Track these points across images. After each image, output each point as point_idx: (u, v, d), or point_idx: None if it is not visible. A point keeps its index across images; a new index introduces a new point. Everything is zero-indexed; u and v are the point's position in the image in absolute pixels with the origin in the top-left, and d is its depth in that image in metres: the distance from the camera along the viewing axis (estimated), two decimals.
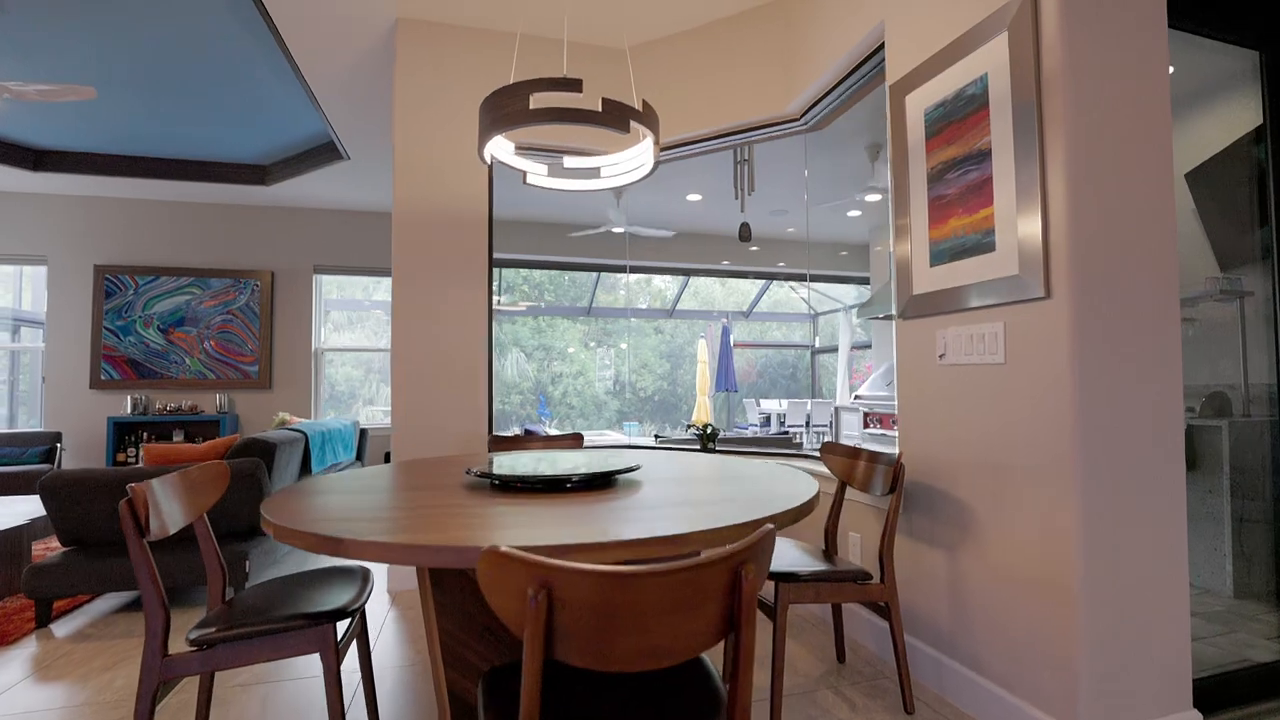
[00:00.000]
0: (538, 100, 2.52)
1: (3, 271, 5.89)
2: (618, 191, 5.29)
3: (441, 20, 3.01)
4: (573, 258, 6.31)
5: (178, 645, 2.32)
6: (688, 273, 8.37)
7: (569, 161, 2.02)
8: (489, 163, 1.75)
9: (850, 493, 2.31)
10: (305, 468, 3.56)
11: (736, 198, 3.74)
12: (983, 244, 1.73)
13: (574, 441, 2.60)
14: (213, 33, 3.36)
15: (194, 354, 5.61)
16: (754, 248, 6.75)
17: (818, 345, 11.56)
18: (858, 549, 2.29)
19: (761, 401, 10.41)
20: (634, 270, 8.28)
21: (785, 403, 9.72)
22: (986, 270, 1.71)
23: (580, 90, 1.49)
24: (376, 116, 4.02)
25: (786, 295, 11.98)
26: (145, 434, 5.37)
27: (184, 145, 4.88)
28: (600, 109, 1.52)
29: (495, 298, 3.09)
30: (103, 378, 5.42)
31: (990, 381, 1.71)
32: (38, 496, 3.67)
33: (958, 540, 1.81)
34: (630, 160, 1.93)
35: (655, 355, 13.84)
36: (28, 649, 2.36)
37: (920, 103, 1.97)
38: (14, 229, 5.44)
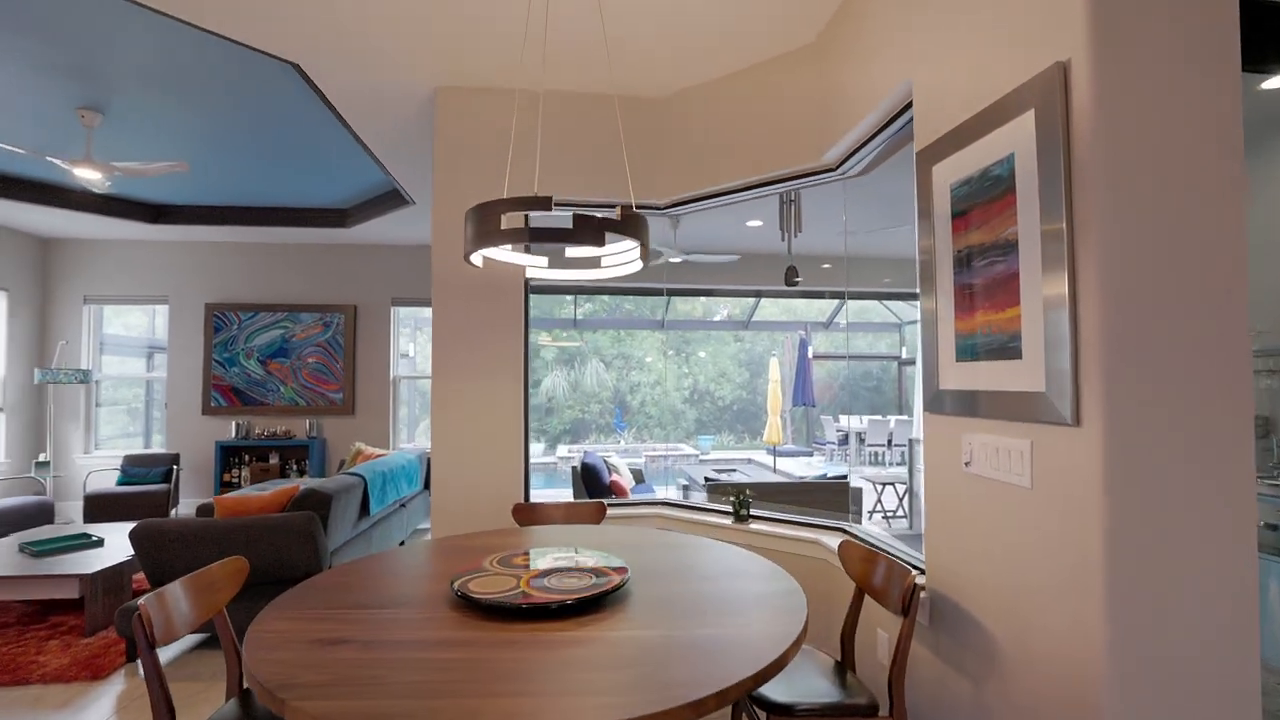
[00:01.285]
0: (510, 219, 2.53)
1: (135, 310, 6.68)
2: (674, 222, 5.21)
3: (476, 85, 3.07)
4: (636, 283, 6.29)
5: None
6: (755, 294, 8.11)
7: (571, 251, 1.99)
8: (479, 266, 1.76)
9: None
10: (365, 508, 3.77)
11: (783, 239, 3.56)
12: (1009, 348, 1.52)
13: (596, 511, 2.57)
14: (288, 106, 3.63)
15: (288, 383, 6.12)
16: (826, 265, 6.44)
17: (904, 355, 10.89)
18: (885, 651, 2.11)
19: (841, 418, 9.91)
20: (694, 294, 8.16)
21: (866, 420, 9.19)
22: (1013, 379, 1.51)
23: (550, 208, 1.46)
24: (430, 168, 4.18)
25: (870, 303, 11.37)
26: (247, 456, 5.93)
27: (275, 195, 5.32)
28: (571, 224, 1.47)
29: (544, 335, 3.11)
30: (212, 405, 6.03)
31: (1015, 503, 1.51)
32: None
33: (983, 670, 1.62)
34: (631, 251, 1.87)
35: (734, 363, 13.58)
36: (116, 685, 2.65)
37: (946, 176, 1.77)
38: (140, 273, 6.17)
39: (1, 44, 3.01)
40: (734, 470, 5.65)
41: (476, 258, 1.71)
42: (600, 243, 1.50)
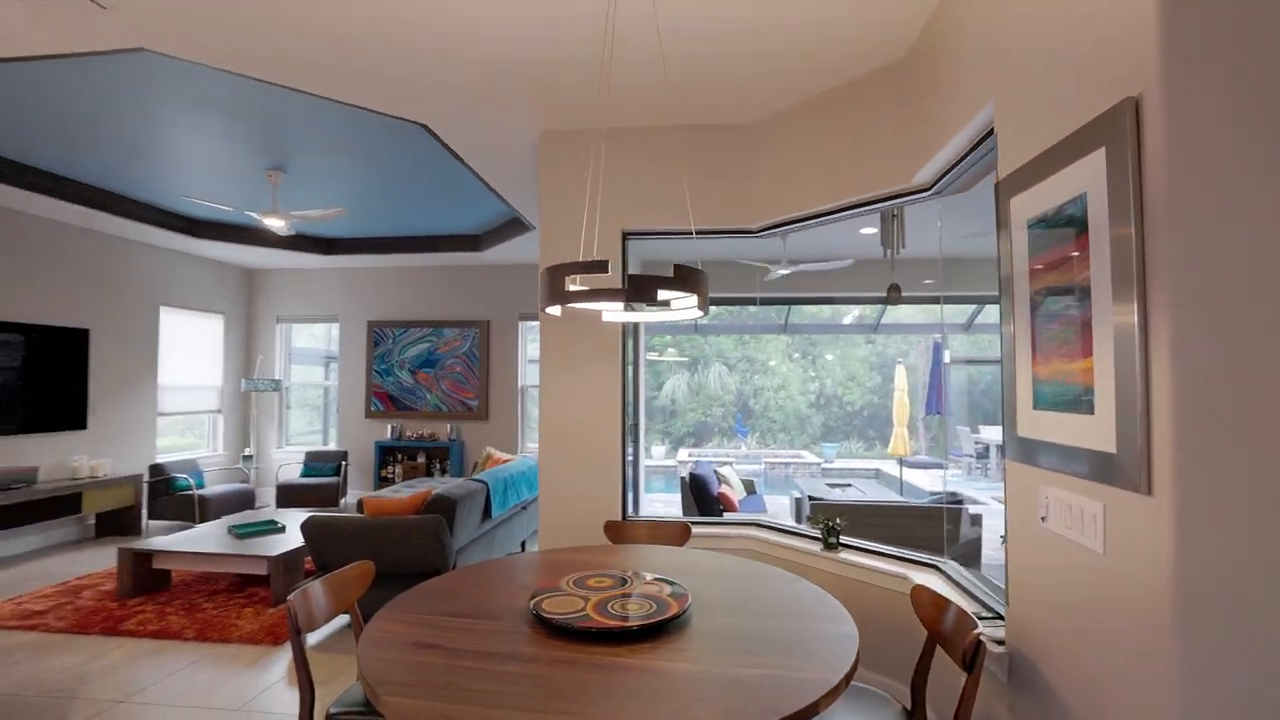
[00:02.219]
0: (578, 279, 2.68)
1: (315, 327, 7.83)
2: (783, 236, 5.18)
3: (572, 128, 3.31)
4: (755, 294, 6.28)
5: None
6: (867, 300, 7.69)
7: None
8: (558, 315, 1.95)
9: None
10: (488, 511, 4.18)
11: (886, 256, 3.40)
12: (1082, 401, 1.43)
13: (680, 532, 2.69)
14: (424, 154, 4.13)
15: (433, 390, 6.88)
16: (928, 280, 6.00)
17: None
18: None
19: (981, 429, 9.07)
20: (802, 302, 7.92)
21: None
22: (1086, 436, 1.42)
23: (606, 270, 1.61)
24: None
25: None
26: (400, 455, 6.75)
27: (420, 226, 6.01)
28: (625, 284, 1.61)
29: (651, 352, 3.28)
30: (372, 409, 6.94)
31: (1088, 567, 1.41)
32: None
33: None
34: (691, 300, 1.97)
35: (864, 367, 12.95)
36: (289, 652, 3.22)
37: (1024, 210, 1.68)
38: (317, 297, 7.24)
39: (217, 128, 3.75)
40: (848, 485, 5.43)
41: (553, 310, 1.91)
42: (652, 300, 1.62)
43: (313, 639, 3.39)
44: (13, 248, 4.99)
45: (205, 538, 4.19)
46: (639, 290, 1.61)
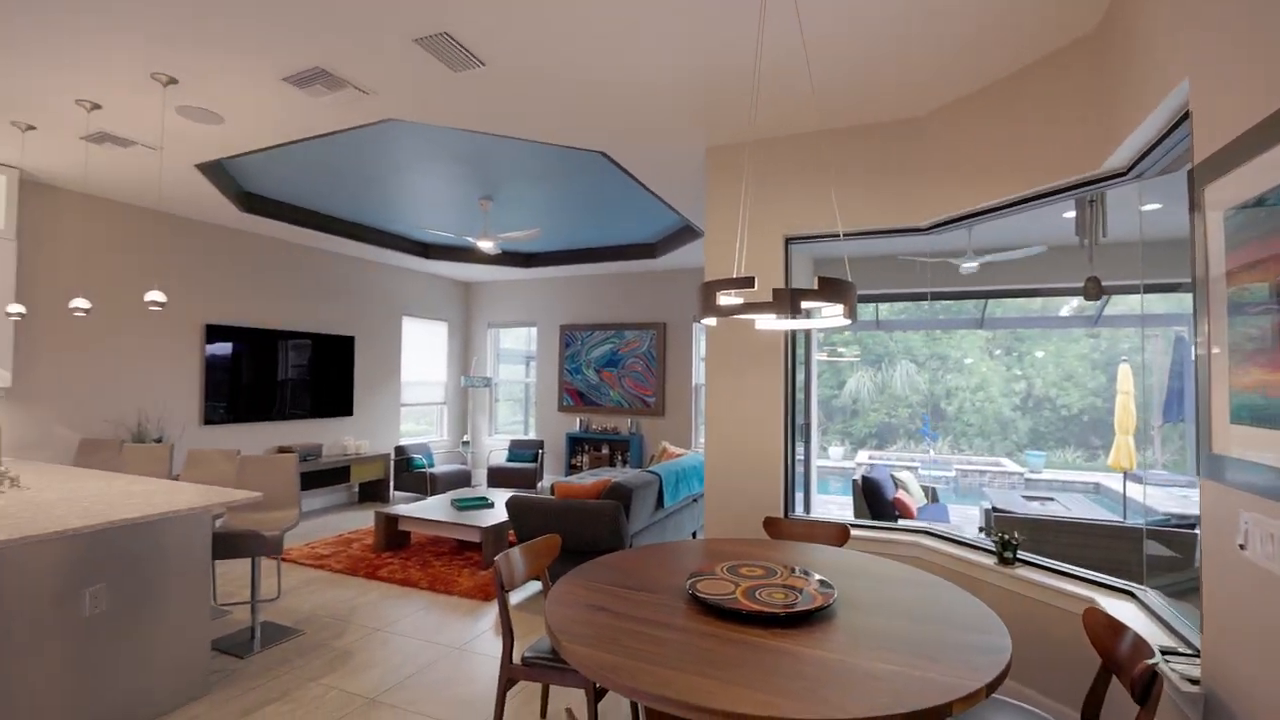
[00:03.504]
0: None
1: (517, 331, 8.90)
2: (969, 228, 4.85)
3: (736, 141, 3.47)
4: (926, 289, 5.87)
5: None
6: (1065, 291, 6.63)
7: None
8: (713, 325, 2.15)
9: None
10: (661, 501, 4.51)
11: (1083, 245, 3.03)
12: None
13: (837, 533, 2.73)
14: (605, 174, 4.59)
15: (615, 388, 7.46)
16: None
17: None
18: None
19: None
20: (990, 296, 7.11)
21: None
22: None
23: (753, 286, 1.77)
24: None
25: None
26: (586, 446, 7.43)
27: (602, 238, 6.59)
28: (773, 295, 1.75)
29: (821, 352, 3.36)
30: (564, 404, 7.72)
31: None
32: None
33: None
34: (838, 310, 2.05)
35: (1084, 365, 11.22)
36: (495, 607, 3.82)
37: (1219, 199, 1.51)
38: (519, 305, 8.25)
39: (443, 170, 4.54)
40: (1049, 499, 4.82)
41: (708, 321, 2.11)
42: (794, 313, 1.75)
43: (513, 599, 3.98)
44: (303, 274, 6.45)
45: (434, 508, 5.08)
46: (784, 303, 1.74)
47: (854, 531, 3.13)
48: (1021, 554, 2.68)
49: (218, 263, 5.64)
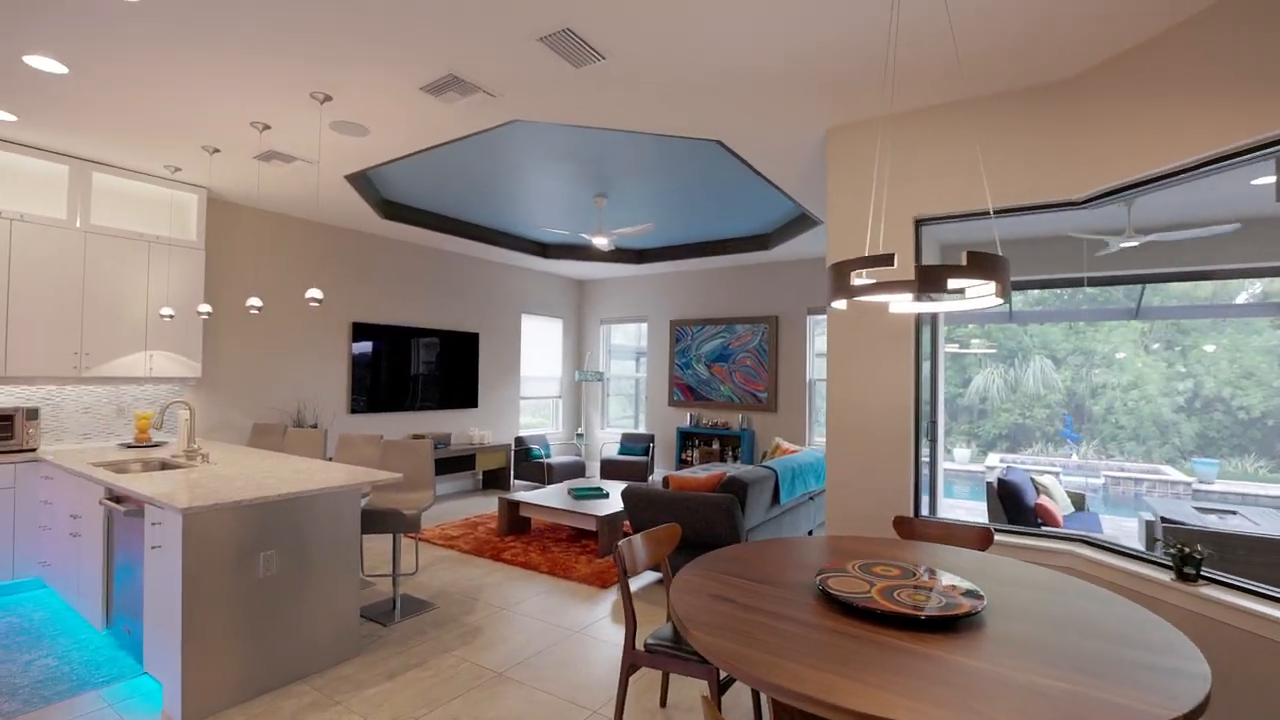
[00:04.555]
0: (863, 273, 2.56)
1: (628, 327, 9.04)
2: (1129, 202, 4.35)
3: (860, 119, 3.29)
4: (1083, 273, 5.27)
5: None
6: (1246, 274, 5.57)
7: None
8: (843, 309, 2.05)
9: None
10: (776, 497, 4.39)
11: None
12: None
13: (979, 537, 2.52)
14: (717, 165, 4.54)
15: (725, 383, 7.37)
16: None
17: None
18: None
19: None
20: (1158, 280, 6.21)
21: None
22: None
23: (892, 264, 1.66)
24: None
25: None
26: (696, 440, 7.40)
27: (713, 232, 6.52)
28: (917, 271, 1.64)
29: (952, 344, 3.12)
30: (674, 399, 7.74)
31: None
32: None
33: None
34: (987, 289, 1.88)
35: (1269, 360, 9.60)
36: (612, 594, 3.89)
37: None
38: (631, 300, 8.36)
39: (559, 170, 4.70)
40: (1232, 512, 4.13)
41: (839, 304, 2.01)
42: (941, 289, 1.62)
43: (632, 585, 4.03)
44: (433, 275, 6.92)
45: (552, 496, 5.27)
46: (929, 280, 1.62)
47: (997, 536, 2.88)
48: (1205, 571, 2.33)
49: (362, 266, 6.19)
